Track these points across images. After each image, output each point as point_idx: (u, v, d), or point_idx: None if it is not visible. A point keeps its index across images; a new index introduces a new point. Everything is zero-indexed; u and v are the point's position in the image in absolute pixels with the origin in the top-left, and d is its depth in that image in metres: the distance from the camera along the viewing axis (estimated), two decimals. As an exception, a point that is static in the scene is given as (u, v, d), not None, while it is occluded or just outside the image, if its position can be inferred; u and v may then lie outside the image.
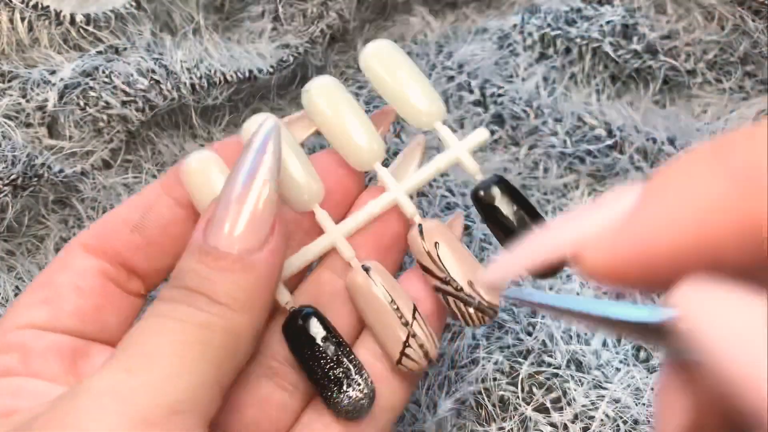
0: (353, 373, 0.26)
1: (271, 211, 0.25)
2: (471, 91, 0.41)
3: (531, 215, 0.27)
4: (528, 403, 0.32)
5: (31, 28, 0.38)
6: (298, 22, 0.42)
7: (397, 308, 0.27)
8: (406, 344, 0.27)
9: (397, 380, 0.28)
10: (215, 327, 0.24)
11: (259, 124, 0.26)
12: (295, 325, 0.27)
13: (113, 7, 0.40)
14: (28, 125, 0.38)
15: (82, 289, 0.28)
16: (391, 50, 0.29)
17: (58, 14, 0.38)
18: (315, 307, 0.28)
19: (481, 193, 0.28)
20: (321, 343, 0.27)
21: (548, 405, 0.32)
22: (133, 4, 0.40)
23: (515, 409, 0.32)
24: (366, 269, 0.28)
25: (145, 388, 0.22)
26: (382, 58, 0.29)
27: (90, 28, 0.39)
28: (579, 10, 0.42)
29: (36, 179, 0.36)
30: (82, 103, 0.37)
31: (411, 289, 0.28)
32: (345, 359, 0.26)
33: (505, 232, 0.27)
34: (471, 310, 0.27)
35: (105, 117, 0.38)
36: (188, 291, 0.24)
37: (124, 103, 0.38)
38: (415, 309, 0.27)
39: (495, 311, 0.27)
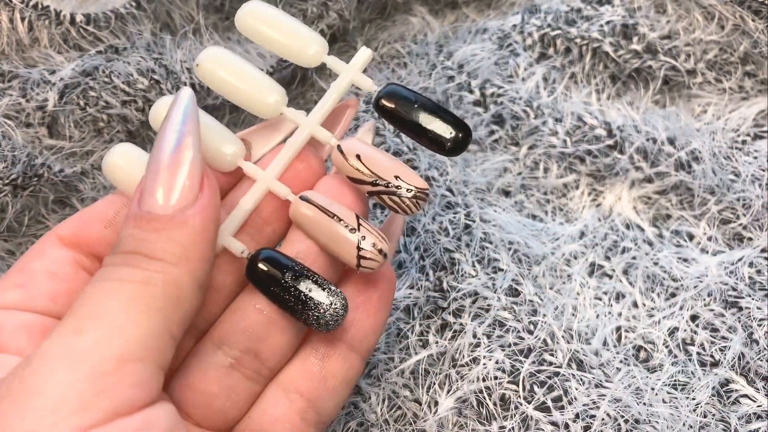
0: (323, 289, 0.28)
1: (198, 171, 0.26)
2: (471, 91, 0.41)
3: (430, 108, 0.30)
4: (529, 402, 0.32)
5: (31, 28, 0.38)
6: (298, 22, 0.42)
7: (341, 220, 0.29)
8: (359, 248, 0.29)
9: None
10: (156, 281, 0.25)
11: (175, 95, 0.28)
12: (255, 270, 0.28)
13: (113, 7, 0.40)
14: (28, 125, 0.38)
15: (55, 275, 0.29)
16: (263, 6, 0.31)
17: (58, 14, 0.38)
18: (266, 247, 0.30)
19: (382, 102, 0.30)
20: (284, 278, 0.28)
21: (549, 404, 0.32)
22: (133, 4, 0.40)
23: (516, 407, 0.32)
24: (305, 199, 0.29)
25: (94, 344, 0.24)
26: (257, 15, 0.31)
27: (90, 28, 0.39)
28: (579, 10, 0.42)
29: (36, 179, 0.36)
30: (82, 103, 0.37)
31: (343, 201, 0.30)
32: (310, 281, 0.28)
33: (415, 129, 0.30)
34: (405, 199, 0.29)
35: (105, 117, 0.38)
36: (126, 254, 0.26)
37: (124, 103, 0.38)
38: (357, 216, 0.29)
39: (426, 193, 0.29)
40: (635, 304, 0.37)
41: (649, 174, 0.39)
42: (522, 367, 0.33)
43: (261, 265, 0.28)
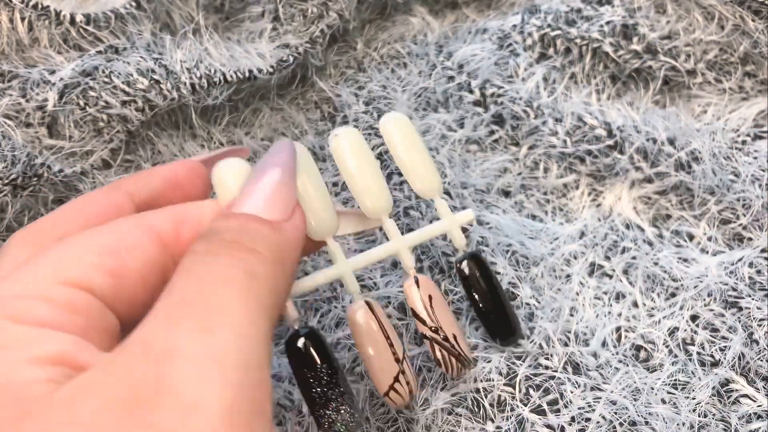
0: (345, 399, 0.28)
1: (293, 194, 0.27)
2: (471, 91, 0.41)
3: (495, 298, 0.33)
4: (525, 405, 0.32)
5: (31, 28, 0.38)
6: (298, 22, 0.42)
7: (392, 344, 0.29)
8: (396, 378, 0.29)
9: None
10: (259, 276, 0.24)
11: (283, 144, 0.29)
12: (296, 345, 0.29)
13: (113, 7, 0.40)
14: (28, 125, 0.38)
15: (147, 281, 0.25)
16: (407, 123, 0.32)
17: (58, 14, 0.39)
18: (316, 329, 0.29)
19: (460, 265, 0.33)
20: (318, 366, 0.28)
21: (545, 407, 0.32)
22: (133, 4, 0.40)
23: (512, 410, 0.32)
24: (367, 299, 0.30)
25: (233, 349, 0.21)
26: (400, 128, 0.32)
27: (90, 28, 0.39)
28: (579, 10, 0.42)
29: (36, 179, 0.36)
30: (82, 103, 0.38)
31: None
32: (340, 386, 0.28)
33: (476, 307, 0.33)
34: (453, 359, 0.30)
35: (105, 117, 0.38)
36: (224, 241, 0.24)
37: (124, 103, 0.38)
38: (404, 350, 0.30)
39: (472, 364, 0.31)
40: (635, 304, 0.37)
41: (649, 174, 0.39)
42: (518, 370, 0.33)
43: (305, 342, 0.28)
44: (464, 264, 0.32)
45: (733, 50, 0.42)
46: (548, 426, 0.31)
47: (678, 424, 0.32)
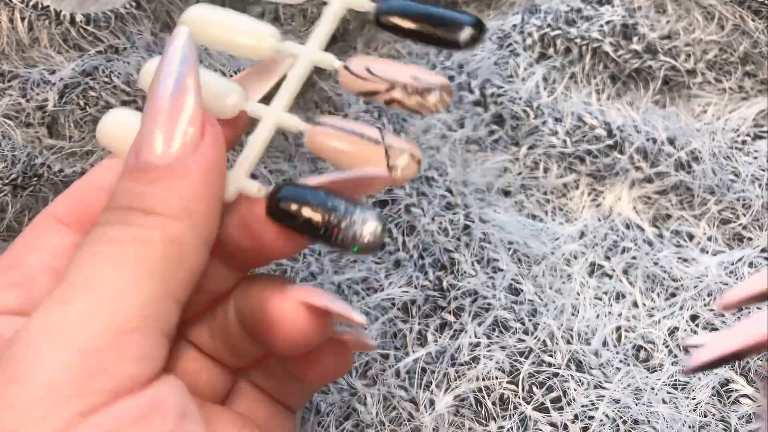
0: (356, 213, 0.25)
1: (199, 116, 0.24)
2: (471, 91, 0.41)
3: (430, 18, 0.27)
4: (528, 403, 0.32)
5: (31, 28, 0.38)
6: (298, 22, 0.42)
7: (361, 135, 0.26)
8: (388, 158, 0.26)
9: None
10: (153, 239, 0.23)
11: (173, 36, 0.25)
12: (276, 207, 0.26)
13: (113, 7, 0.40)
14: (28, 125, 0.38)
15: (55, 270, 0.26)
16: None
17: (58, 14, 0.39)
18: (283, 181, 0.27)
19: (381, 18, 0.28)
20: (311, 211, 0.25)
21: (548, 405, 0.32)
22: (133, 4, 0.40)
23: (515, 408, 0.32)
24: (316, 123, 0.27)
25: (86, 316, 0.21)
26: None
27: (90, 28, 0.39)
28: (579, 10, 0.42)
29: (36, 179, 0.36)
30: (82, 103, 0.38)
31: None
32: (340, 205, 0.25)
33: (419, 36, 0.28)
34: (430, 96, 0.27)
35: (105, 117, 0.38)
36: (120, 210, 0.23)
37: (124, 103, 0.38)
38: (379, 129, 0.27)
39: (449, 86, 0.27)
40: (635, 304, 0.37)
41: (649, 174, 0.39)
42: (521, 368, 0.33)
43: (283, 204, 0.25)
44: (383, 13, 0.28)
45: (733, 50, 0.42)
46: (551, 424, 0.31)
47: (681, 424, 0.32)
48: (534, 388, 0.32)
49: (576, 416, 0.32)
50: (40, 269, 0.25)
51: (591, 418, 0.32)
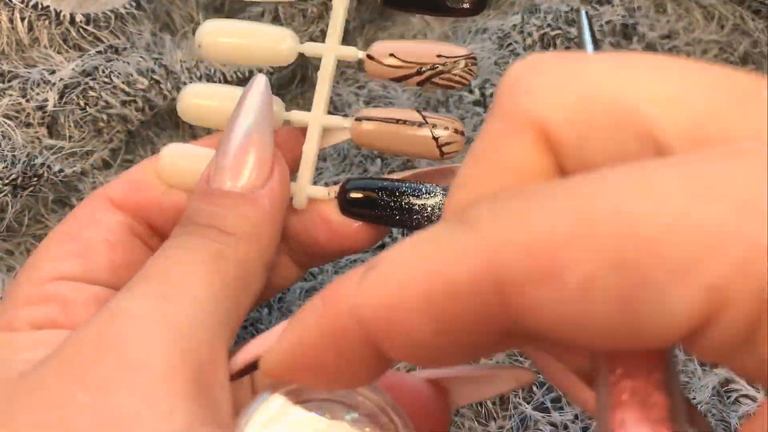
0: (423, 191, 0.28)
1: (269, 153, 0.27)
2: (471, 91, 0.41)
3: None
4: (528, 402, 0.32)
5: (31, 28, 0.38)
6: (298, 22, 0.42)
7: (404, 121, 0.28)
8: (435, 138, 0.28)
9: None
10: (227, 257, 0.25)
11: (251, 83, 0.28)
12: (350, 201, 0.28)
13: (113, 7, 0.40)
14: (28, 125, 0.38)
15: (112, 244, 0.28)
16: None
17: (58, 14, 0.38)
18: (347, 179, 0.29)
19: None
20: (380, 197, 0.28)
21: (548, 404, 0.32)
22: (133, 4, 0.40)
23: (515, 407, 0.32)
24: (359, 119, 0.29)
25: (187, 318, 0.23)
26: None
27: (90, 28, 0.39)
28: (579, 10, 0.42)
29: (36, 179, 0.36)
30: (82, 103, 0.38)
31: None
32: (407, 190, 0.28)
33: (427, 5, 0.30)
34: (456, 71, 0.28)
35: (105, 117, 0.38)
36: (199, 226, 0.26)
37: (124, 103, 0.38)
38: (417, 110, 0.29)
39: (474, 57, 0.29)
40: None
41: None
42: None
43: (353, 194, 0.28)
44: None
45: (733, 50, 0.42)
46: (551, 424, 0.31)
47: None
48: (534, 388, 0.32)
49: (576, 416, 0.32)
50: (99, 242, 0.28)
51: (591, 418, 0.32)
